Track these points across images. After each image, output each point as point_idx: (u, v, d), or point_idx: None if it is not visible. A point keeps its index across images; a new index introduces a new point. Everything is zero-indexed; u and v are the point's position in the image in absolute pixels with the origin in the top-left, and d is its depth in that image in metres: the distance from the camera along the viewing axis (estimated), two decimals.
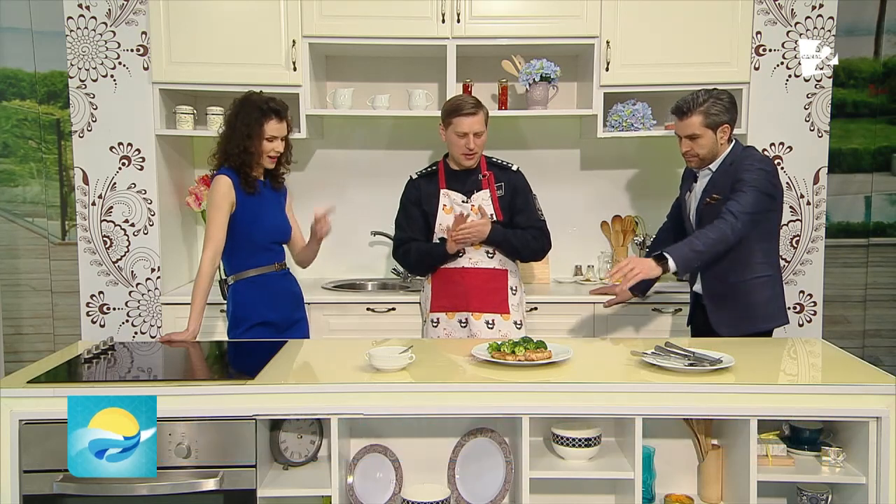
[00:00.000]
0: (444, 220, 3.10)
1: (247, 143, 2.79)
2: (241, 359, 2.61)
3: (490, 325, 3.07)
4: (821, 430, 2.31)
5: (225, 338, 3.02)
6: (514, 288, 3.15)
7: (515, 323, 3.11)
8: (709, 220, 2.86)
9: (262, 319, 2.87)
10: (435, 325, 3.14)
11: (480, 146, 3.05)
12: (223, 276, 2.94)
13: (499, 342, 2.35)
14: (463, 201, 3.10)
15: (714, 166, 2.89)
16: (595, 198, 4.01)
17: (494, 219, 3.07)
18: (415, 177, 3.20)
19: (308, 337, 3.05)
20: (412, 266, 3.24)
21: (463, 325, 3.08)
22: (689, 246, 2.68)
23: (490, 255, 3.10)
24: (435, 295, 3.13)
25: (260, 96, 2.86)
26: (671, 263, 2.64)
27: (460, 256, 3.08)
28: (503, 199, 3.10)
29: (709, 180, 2.90)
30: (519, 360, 2.25)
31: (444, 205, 3.11)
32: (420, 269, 3.21)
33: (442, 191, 3.11)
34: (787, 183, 3.52)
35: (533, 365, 2.24)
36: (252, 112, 2.80)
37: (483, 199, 3.10)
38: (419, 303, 3.32)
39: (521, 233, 3.09)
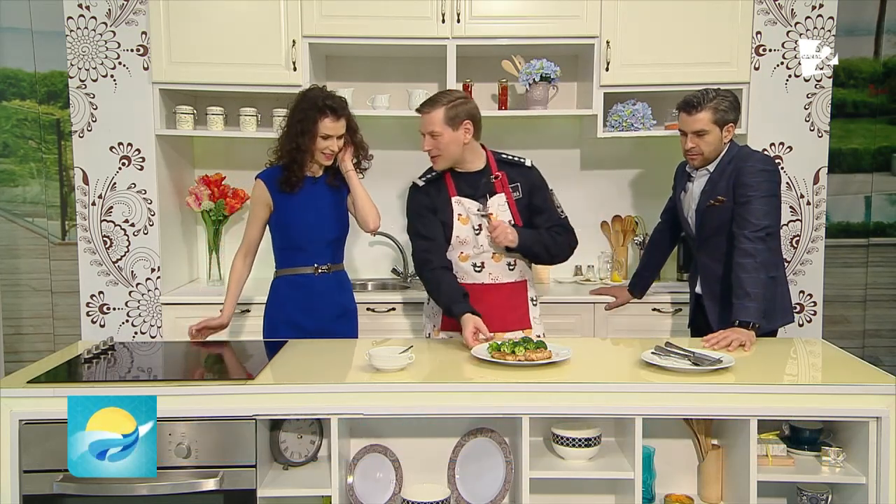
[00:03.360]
0: (461, 232, 2.76)
1: (299, 141, 2.71)
2: (241, 359, 2.61)
3: None
4: (821, 430, 2.31)
5: (226, 337, 3.01)
6: (533, 299, 2.87)
7: (538, 336, 2.77)
8: (712, 222, 2.85)
9: (293, 323, 2.80)
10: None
11: (435, 147, 2.71)
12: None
13: (499, 342, 2.35)
14: (479, 209, 2.75)
15: (712, 166, 2.87)
16: (595, 198, 4.01)
17: (513, 224, 2.74)
18: (421, 184, 2.83)
19: None
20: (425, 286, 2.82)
21: None
22: (746, 299, 2.59)
23: (511, 268, 2.79)
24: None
25: (319, 91, 2.77)
26: (753, 320, 2.57)
27: (478, 272, 2.77)
28: (520, 201, 2.76)
29: (707, 180, 2.88)
30: (519, 360, 2.25)
31: (459, 214, 2.76)
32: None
33: (453, 199, 2.77)
34: (787, 183, 3.52)
35: (533, 365, 2.24)
36: (308, 109, 2.71)
37: (499, 204, 2.75)
38: (423, 310, 3.03)
39: (547, 233, 2.75)
